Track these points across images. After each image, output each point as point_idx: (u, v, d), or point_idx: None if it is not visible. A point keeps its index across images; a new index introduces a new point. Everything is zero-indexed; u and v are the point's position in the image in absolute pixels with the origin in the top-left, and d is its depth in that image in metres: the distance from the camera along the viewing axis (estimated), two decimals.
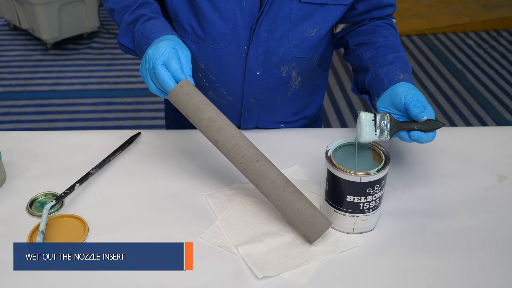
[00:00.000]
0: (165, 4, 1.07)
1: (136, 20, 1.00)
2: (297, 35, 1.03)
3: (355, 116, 2.80)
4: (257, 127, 1.20)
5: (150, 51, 0.91)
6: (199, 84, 1.12)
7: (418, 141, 0.90)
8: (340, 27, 1.13)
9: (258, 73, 1.07)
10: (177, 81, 0.91)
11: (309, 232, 0.86)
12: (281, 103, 1.16)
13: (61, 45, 3.58)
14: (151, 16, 1.00)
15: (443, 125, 0.91)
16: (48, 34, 3.38)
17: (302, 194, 0.89)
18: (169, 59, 0.90)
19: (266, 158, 0.91)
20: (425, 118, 0.88)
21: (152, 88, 0.94)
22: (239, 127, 1.19)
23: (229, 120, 0.92)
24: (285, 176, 0.90)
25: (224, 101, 1.14)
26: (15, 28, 3.83)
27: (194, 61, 1.07)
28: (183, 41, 1.06)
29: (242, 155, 0.89)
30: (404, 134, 0.90)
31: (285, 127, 1.23)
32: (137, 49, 1.00)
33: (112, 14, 1.09)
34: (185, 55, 0.93)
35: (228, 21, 1.01)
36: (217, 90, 1.12)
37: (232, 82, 1.10)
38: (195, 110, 0.90)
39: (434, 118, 0.90)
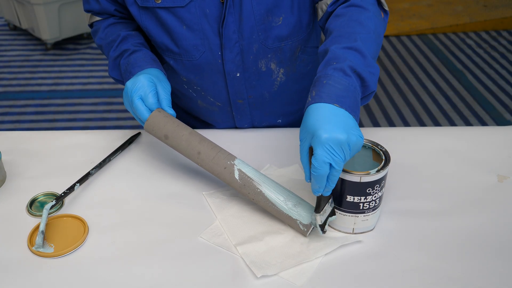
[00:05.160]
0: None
1: (121, 55, 1.06)
2: (265, 27, 1.03)
3: None
4: (253, 126, 1.20)
5: (129, 84, 0.97)
6: (187, 96, 1.17)
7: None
8: (319, 16, 1.05)
9: (238, 75, 1.07)
10: None
11: (300, 224, 0.86)
12: (270, 98, 1.15)
13: (61, 45, 3.58)
14: (134, 50, 1.04)
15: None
16: (48, 34, 3.38)
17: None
18: (146, 94, 0.95)
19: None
20: (319, 195, 0.82)
21: (134, 116, 0.99)
22: (234, 127, 1.20)
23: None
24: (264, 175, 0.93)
25: (214, 107, 1.15)
26: (15, 28, 3.83)
27: (176, 75, 1.12)
28: (165, 61, 1.11)
29: (227, 159, 0.91)
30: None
31: (283, 121, 1.22)
32: (125, 82, 1.04)
33: (101, 50, 1.15)
34: (164, 88, 0.98)
35: (197, 31, 1.02)
36: (204, 98, 1.14)
37: (216, 89, 1.11)
38: (175, 129, 0.94)
39: (329, 191, 0.81)
